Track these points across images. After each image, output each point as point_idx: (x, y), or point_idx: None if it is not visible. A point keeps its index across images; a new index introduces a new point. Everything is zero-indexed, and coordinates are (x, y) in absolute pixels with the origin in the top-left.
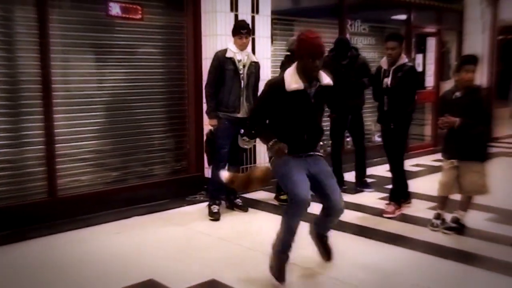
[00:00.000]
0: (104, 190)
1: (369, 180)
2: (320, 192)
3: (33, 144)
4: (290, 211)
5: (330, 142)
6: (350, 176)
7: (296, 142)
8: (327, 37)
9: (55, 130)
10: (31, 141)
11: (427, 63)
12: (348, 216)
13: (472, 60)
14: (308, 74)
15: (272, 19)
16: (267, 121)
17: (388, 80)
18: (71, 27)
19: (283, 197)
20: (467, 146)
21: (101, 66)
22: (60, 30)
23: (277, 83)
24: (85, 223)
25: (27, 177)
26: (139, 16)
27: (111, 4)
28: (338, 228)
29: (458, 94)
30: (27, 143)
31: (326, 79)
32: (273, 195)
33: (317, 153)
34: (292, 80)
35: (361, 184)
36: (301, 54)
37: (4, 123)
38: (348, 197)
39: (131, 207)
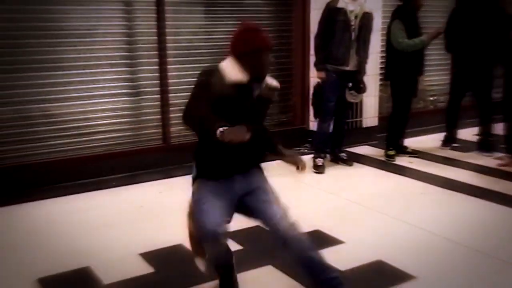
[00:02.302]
0: None
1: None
2: (261, 219)
3: (149, 93)
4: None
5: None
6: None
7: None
8: None
9: (169, 81)
10: (147, 91)
11: None
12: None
13: None
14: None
15: None
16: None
17: None
18: None
19: (391, 152)
20: None
21: (209, 19)
22: None
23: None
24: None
25: (144, 124)
26: None
27: None
28: (452, 188)
29: None
30: (144, 93)
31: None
32: (379, 150)
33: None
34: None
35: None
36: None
37: (124, 73)
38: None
39: None
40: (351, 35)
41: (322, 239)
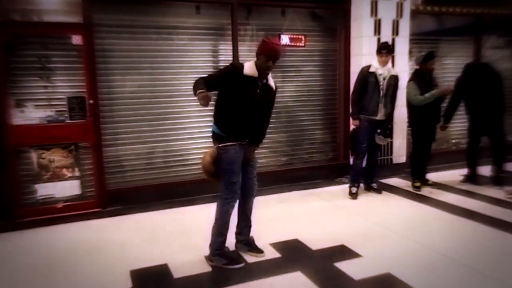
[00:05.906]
0: (276, 170)
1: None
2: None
3: None
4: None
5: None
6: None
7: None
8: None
9: None
10: None
11: None
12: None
13: None
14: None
15: (410, 39)
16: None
17: None
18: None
19: (417, 183)
20: None
21: (277, 81)
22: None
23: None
24: (260, 193)
25: None
26: (302, 44)
27: (282, 36)
28: (464, 215)
29: None
30: None
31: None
32: (406, 182)
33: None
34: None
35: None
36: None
37: None
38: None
39: (292, 184)
40: (380, 93)
41: (344, 252)
